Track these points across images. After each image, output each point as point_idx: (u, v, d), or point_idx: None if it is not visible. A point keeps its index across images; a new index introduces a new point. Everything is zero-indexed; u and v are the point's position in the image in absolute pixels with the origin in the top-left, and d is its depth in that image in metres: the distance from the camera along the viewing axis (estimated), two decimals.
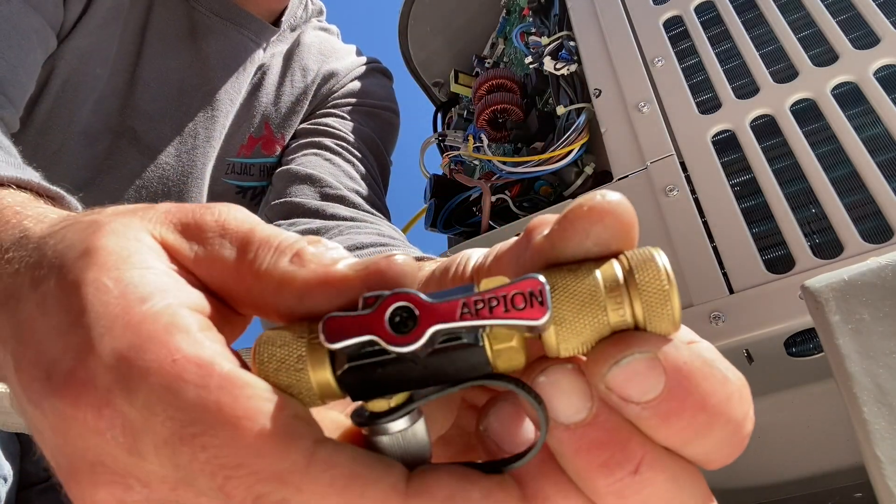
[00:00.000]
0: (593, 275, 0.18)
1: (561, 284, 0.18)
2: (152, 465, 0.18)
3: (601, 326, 0.18)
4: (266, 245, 0.21)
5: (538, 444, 0.18)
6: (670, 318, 0.18)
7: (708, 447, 0.19)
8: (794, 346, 0.42)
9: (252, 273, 0.20)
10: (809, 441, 0.44)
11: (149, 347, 0.18)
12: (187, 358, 0.18)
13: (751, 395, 0.19)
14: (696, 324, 0.42)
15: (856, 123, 0.46)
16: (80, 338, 0.18)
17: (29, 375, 0.19)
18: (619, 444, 0.18)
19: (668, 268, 0.18)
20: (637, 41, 0.60)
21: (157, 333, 0.18)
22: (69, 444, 0.19)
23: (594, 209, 0.19)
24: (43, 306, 0.20)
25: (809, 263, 0.41)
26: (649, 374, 0.18)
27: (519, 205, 0.64)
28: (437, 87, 1.06)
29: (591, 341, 0.18)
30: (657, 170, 0.51)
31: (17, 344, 0.20)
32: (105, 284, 0.19)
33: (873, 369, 0.25)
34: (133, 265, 0.20)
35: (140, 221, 0.22)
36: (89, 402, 0.18)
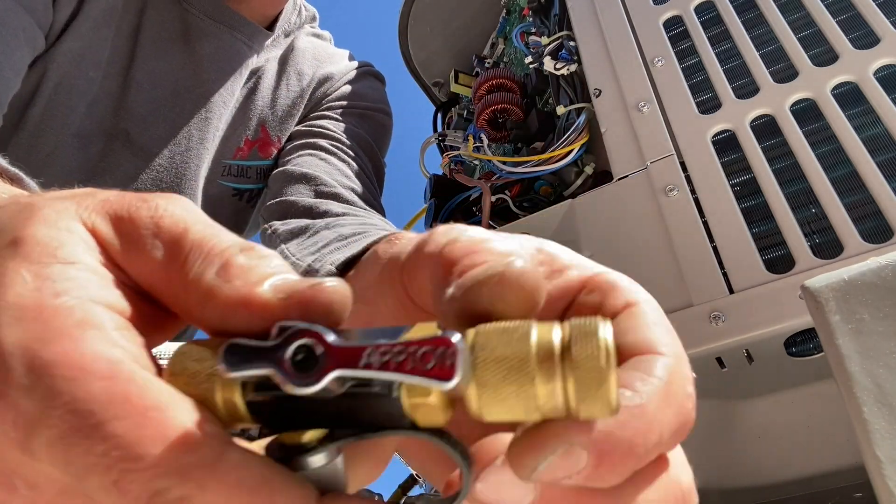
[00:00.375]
0: (527, 341, 0.17)
1: (490, 345, 0.17)
2: (42, 463, 0.17)
3: (528, 398, 0.16)
4: (197, 250, 0.20)
5: (460, 497, 0.18)
6: (605, 401, 0.16)
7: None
8: (795, 346, 0.42)
9: (179, 279, 0.19)
10: (809, 441, 0.44)
11: (57, 340, 0.17)
12: (96, 353, 0.17)
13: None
14: (696, 324, 0.42)
15: (856, 123, 0.46)
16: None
17: None
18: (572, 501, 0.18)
19: (611, 345, 0.17)
20: (637, 41, 0.60)
21: (67, 328, 0.17)
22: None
23: (492, 279, 0.18)
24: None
25: (809, 263, 0.41)
26: (571, 459, 0.17)
27: (519, 205, 0.64)
28: (437, 87, 1.06)
29: (518, 411, 0.17)
30: (657, 170, 0.51)
31: None
32: (23, 276, 0.18)
33: (873, 369, 0.25)
34: (57, 258, 0.19)
35: (76, 209, 0.21)
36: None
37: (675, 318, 0.43)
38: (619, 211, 0.51)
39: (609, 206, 0.52)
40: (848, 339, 0.26)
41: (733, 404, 0.45)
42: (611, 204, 0.52)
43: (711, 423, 0.46)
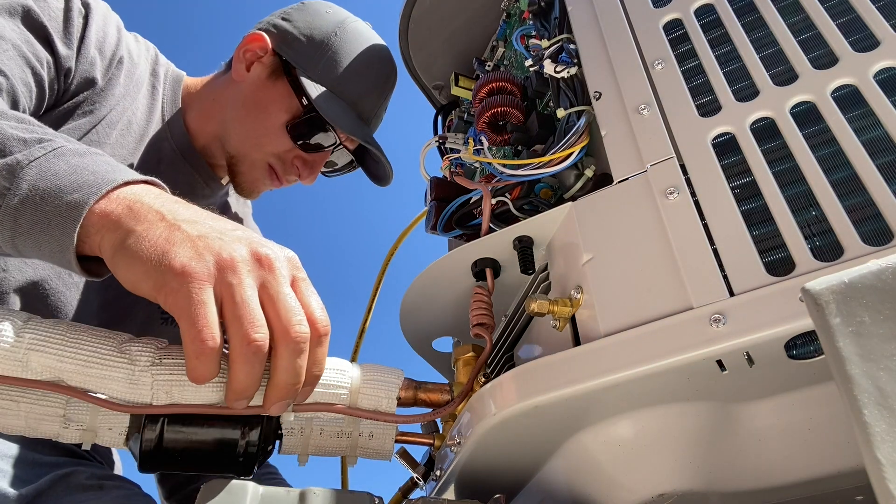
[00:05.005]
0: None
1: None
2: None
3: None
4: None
5: None
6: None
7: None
8: (795, 349, 0.42)
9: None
10: (810, 444, 0.44)
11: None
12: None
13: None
14: (696, 326, 0.42)
15: (856, 126, 0.46)
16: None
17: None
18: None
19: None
20: (637, 44, 0.60)
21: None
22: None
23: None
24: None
25: (810, 266, 0.41)
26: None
27: (519, 207, 0.64)
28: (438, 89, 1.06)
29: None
30: (657, 172, 0.51)
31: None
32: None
33: (874, 372, 0.25)
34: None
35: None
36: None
37: (676, 320, 0.43)
38: (620, 214, 0.51)
39: (609, 208, 0.52)
40: (848, 341, 0.26)
41: (734, 407, 0.45)
42: (611, 206, 0.52)
43: (712, 426, 0.46)
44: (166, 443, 0.47)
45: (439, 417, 0.54)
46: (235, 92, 0.96)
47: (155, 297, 0.45)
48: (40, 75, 0.74)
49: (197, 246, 0.46)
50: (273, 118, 0.93)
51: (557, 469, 0.50)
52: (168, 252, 0.45)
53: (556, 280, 0.56)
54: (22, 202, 0.49)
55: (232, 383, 0.45)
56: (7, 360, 0.45)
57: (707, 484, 0.46)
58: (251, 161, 0.95)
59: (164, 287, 0.44)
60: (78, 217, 0.47)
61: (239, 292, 0.45)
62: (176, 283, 0.44)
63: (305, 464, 0.53)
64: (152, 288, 0.45)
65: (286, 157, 0.96)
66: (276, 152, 0.94)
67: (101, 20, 0.84)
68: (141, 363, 0.47)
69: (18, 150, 0.51)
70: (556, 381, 0.44)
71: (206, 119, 0.97)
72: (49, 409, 0.47)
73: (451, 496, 0.55)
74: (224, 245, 0.47)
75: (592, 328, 0.48)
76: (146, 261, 0.45)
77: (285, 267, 0.48)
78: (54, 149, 0.51)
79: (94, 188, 0.48)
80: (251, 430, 0.48)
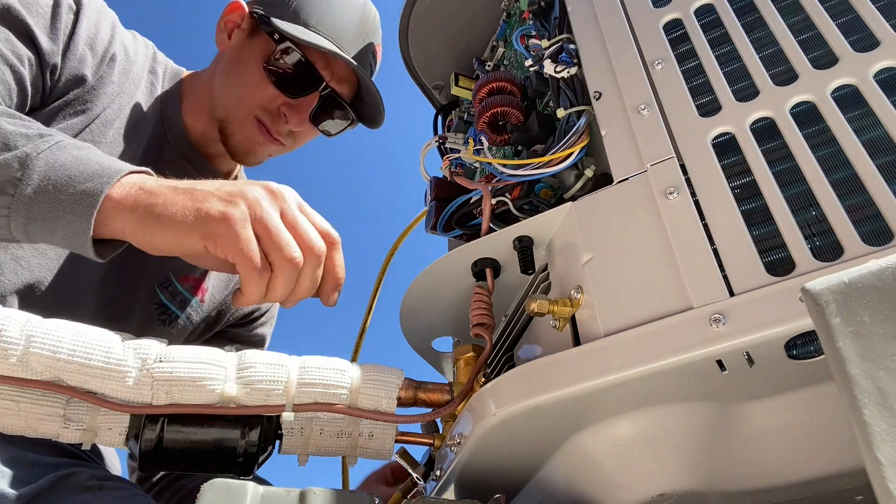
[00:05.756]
0: None
1: None
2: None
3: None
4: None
5: None
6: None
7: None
8: (795, 349, 0.42)
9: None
10: (810, 444, 0.44)
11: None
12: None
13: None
14: (696, 326, 0.42)
15: (856, 126, 0.46)
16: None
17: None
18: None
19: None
20: (637, 44, 0.60)
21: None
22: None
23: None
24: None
25: (810, 266, 0.41)
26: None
27: (519, 207, 0.64)
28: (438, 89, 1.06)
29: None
30: (657, 172, 0.51)
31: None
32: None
33: (874, 372, 0.25)
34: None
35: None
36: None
37: (676, 320, 0.43)
38: (620, 214, 0.51)
39: (609, 208, 0.52)
40: (848, 341, 0.26)
41: (734, 407, 0.45)
42: (611, 206, 0.52)
43: (712, 426, 0.46)
44: (166, 443, 0.47)
45: (439, 417, 0.54)
46: (220, 64, 0.96)
47: (201, 247, 0.54)
48: (20, 73, 0.74)
49: (222, 196, 0.55)
50: (252, 67, 0.92)
51: (557, 469, 0.50)
52: (201, 207, 0.54)
53: (556, 280, 0.56)
54: (35, 191, 0.54)
55: (272, 293, 0.55)
56: (7, 360, 0.45)
57: (707, 484, 0.46)
58: (239, 120, 0.94)
59: (212, 234, 0.53)
60: (94, 203, 0.53)
61: (272, 223, 0.54)
62: (222, 228, 0.53)
63: (305, 464, 0.53)
64: (200, 237, 0.53)
65: (272, 108, 0.94)
66: (261, 104, 0.93)
67: (93, 17, 0.84)
68: (141, 363, 0.47)
69: (22, 143, 0.55)
70: (556, 381, 0.44)
71: (201, 106, 0.96)
72: (49, 409, 0.47)
73: (451, 496, 0.55)
74: (243, 189, 0.55)
75: (592, 328, 0.48)
76: (182, 220, 0.53)
77: (292, 196, 0.58)
78: (56, 142, 0.56)
79: (104, 177, 0.54)
80: (251, 430, 0.48)
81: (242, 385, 0.49)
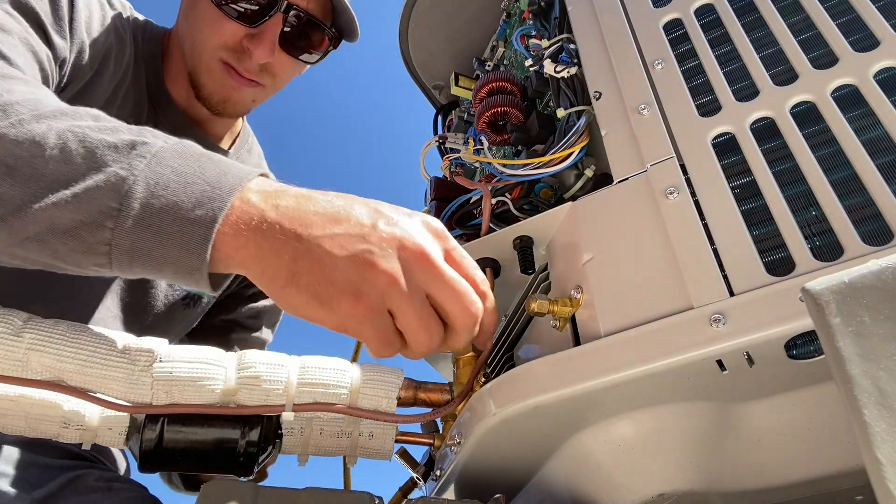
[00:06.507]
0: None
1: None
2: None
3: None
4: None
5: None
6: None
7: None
8: (795, 349, 0.42)
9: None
10: (810, 444, 0.44)
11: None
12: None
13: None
14: (696, 326, 0.42)
15: (856, 126, 0.46)
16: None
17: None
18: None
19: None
20: (637, 44, 0.60)
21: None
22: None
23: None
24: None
25: (810, 266, 0.41)
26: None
27: (519, 207, 0.64)
28: (438, 89, 1.06)
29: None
30: (657, 172, 0.51)
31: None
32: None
33: (874, 372, 0.25)
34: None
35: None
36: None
37: (676, 320, 0.43)
38: (620, 213, 0.51)
39: (609, 208, 0.52)
40: (848, 341, 0.26)
41: (734, 407, 0.45)
42: (611, 206, 0.52)
43: (712, 426, 0.46)
44: (166, 443, 0.47)
45: (439, 417, 0.54)
46: (180, 12, 0.90)
47: (326, 325, 0.46)
48: (46, 71, 0.70)
49: (354, 271, 0.44)
50: (203, 4, 0.83)
51: (557, 469, 0.50)
52: (331, 292, 0.44)
53: (556, 280, 0.56)
54: (137, 223, 0.44)
55: (408, 356, 0.50)
56: (7, 360, 0.45)
57: (707, 484, 0.46)
58: (205, 65, 0.86)
59: (338, 322, 0.45)
60: (208, 237, 0.44)
61: (404, 311, 0.45)
62: (348, 319, 0.45)
63: (305, 464, 0.53)
64: (322, 321, 0.46)
65: (234, 45, 0.84)
66: (221, 43, 0.84)
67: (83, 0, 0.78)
68: (141, 363, 0.47)
69: (112, 159, 0.45)
70: (556, 381, 0.44)
71: (179, 67, 0.90)
72: (49, 410, 0.47)
73: (451, 496, 0.55)
74: (375, 259, 0.45)
75: (592, 328, 0.48)
76: (309, 302, 0.45)
77: (437, 249, 0.47)
78: (153, 154, 0.46)
79: (216, 202, 0.45)
80: (251, 430, 0.48)
81: (242, 385, 0.49)
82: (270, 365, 0.50)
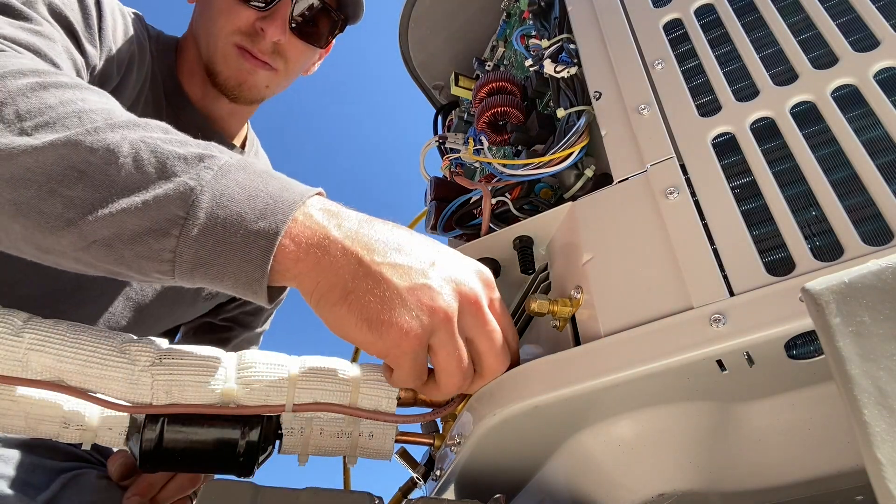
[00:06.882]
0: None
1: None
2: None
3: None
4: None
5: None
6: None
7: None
8: (795, 349, 0.42)
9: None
10: (810, 444, 0.44)
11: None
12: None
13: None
14: (696, 326, 0.42)
15: (856, 126, 0.46)
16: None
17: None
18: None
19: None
20: (637, 44, 0.60)
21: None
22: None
23: None
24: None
25: (810, 266, 0.41)
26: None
27: (519, 207, 0.64)
28: (438, 89, 1.06)
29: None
30: (657, 172, 0.51)
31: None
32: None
33: (874, 372, 0.25)
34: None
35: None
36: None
37: (676, 320, 0.43)
38: (620, 213, 0.51)
39: (609, 208, 0.52)
40: (848, 341, 0.26)
41: (734, 407, 0.45)
42: (611, 206, 0.52)
43: (712, 426, 0.46)
44: (166, 443, 0.47)
45: (439, 417, 0.54)
46: (195, 12, 0.96)
47: (366, 349, 0.46)
48: (82, 78, 0.71)
49: (409, 303, 0.45)
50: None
51: (557, 469, 0.50)
52: (382, 318, 0.45)
53: (556, 280, 0.56)
54: (202, 231, 0.45)
55: (428, 393, 0.52)
56: (7, 360, 0.45)
57: (707, 484, 0.46)
58: (221, 52, 0.90)
59: (381, 348, 0.45)
60: (270, 248, 0.45)
61: (448, 350, 0.46)
62: (394, 346, 0.45)
63: (305, 464, 0.53)
64: (365, 345, 0.46)
65: (248, 28, 0.90)
66: (236, 28, 0.89)
67: (108, 8, 0.81)
68: (141, 363, 0.47)
69: (181, 169, 0.47)
70: (556, 381, 0.44)
71: (192, 66, 0.94)
72: (49, 410, 0.47)
73: (451, 496, 0.55)
74: (434, 294, 0.46)
75: (592, 328, 0.48)
76: (358, 322, 0.45)
77: (486, 298, 0.49)
78: (220, 167, 0.48)
79: (277, 215, 0.46)
80: (251, 430, 0.48)
81: (242, 385, 0.49)
82: (270, 365, 0.50)
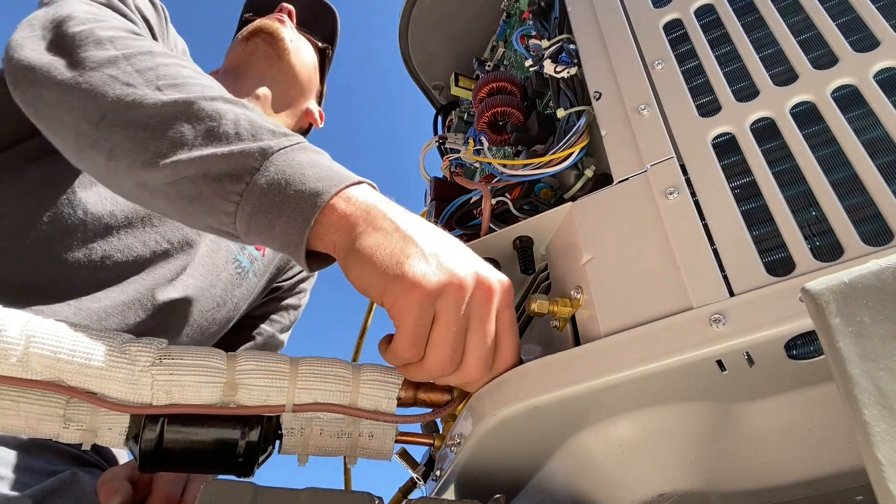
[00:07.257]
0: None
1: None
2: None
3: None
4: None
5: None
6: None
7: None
8: (795, 349, 0.42)
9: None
10: (810, 444, 0.44)
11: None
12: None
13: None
14: (696, 326, 0.42)
15: (856, 126, 0.46)
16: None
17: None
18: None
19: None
20: (637, 44, 0.60)
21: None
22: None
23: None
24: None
25: (810, 266, 0.41)
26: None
27: (519, 207, 0.64)
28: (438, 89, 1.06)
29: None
30: (657, 172, 0.51)
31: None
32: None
33: (874, 372, 0.25)
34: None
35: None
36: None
37: (676, 320, 0.43)
38: (620, 214, 0.51)
39: (609, 208, 0.52)
40: (848, 341, 0.26)
41: (734, 407, 0.45)
42: (611, 207, 0.52)
43: (712, 426, 0.46)
44: (166, 443, 0.47)
45: (439, 417, 0.54)
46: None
47: (380, 299, 0.48)
48: None
49: (429, 261, 0.48)
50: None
51: (557, 469, 0.50)
52: (403, 262, 0.48)
53: (556, 280, 0.56)
54: (268, 183, 0.52)
55: (409, 372, 0.51)
56: (7, 360, 0.45)
57: (707, 484, 0.46)
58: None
59: (393, 293, 0.47)
60: (318, 204, 0.51)
61: (447, 321, 0.48)
62: (403, 292, 0.47)
63: (305, 464, 0.53)
64: (380, 292, 0.48)
65: (260, 28, 1.13)
66: (255, 27, 1.12)
67: (167, 16, 0.90)
68: (141, 363, 0.47)
69: (267, 137, 0.55)
70: (556, 381, 0.44)
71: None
72: (49, 410, 0.47)
73: (451, 496, 0.55)
74: (455, 265, 0.49)
75: (592, 328, 0.48)
76: (379, 266, 0.48)
77: (500, 299, 0.50)
78: (298, 142, 0.56)
79: (333, 181, 0.52)
80: (251, 430, 0.48)
81: (242, 385, 0.49)
82: (270, 365, 0.50)
